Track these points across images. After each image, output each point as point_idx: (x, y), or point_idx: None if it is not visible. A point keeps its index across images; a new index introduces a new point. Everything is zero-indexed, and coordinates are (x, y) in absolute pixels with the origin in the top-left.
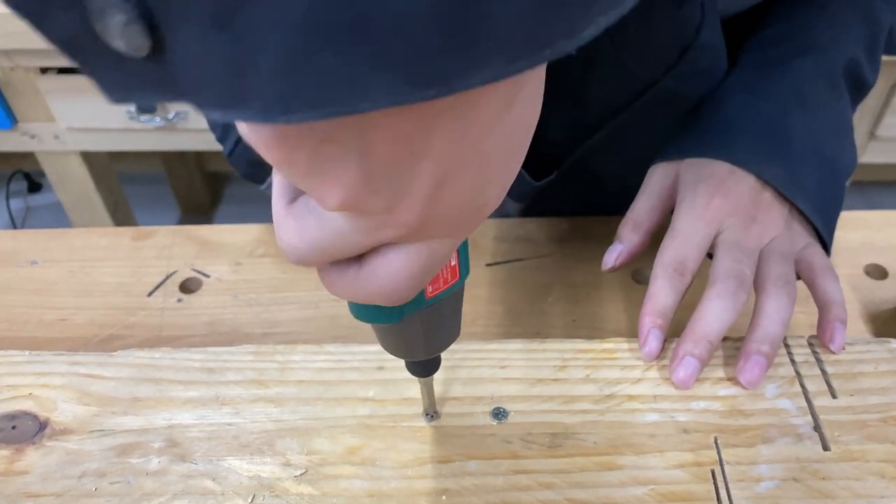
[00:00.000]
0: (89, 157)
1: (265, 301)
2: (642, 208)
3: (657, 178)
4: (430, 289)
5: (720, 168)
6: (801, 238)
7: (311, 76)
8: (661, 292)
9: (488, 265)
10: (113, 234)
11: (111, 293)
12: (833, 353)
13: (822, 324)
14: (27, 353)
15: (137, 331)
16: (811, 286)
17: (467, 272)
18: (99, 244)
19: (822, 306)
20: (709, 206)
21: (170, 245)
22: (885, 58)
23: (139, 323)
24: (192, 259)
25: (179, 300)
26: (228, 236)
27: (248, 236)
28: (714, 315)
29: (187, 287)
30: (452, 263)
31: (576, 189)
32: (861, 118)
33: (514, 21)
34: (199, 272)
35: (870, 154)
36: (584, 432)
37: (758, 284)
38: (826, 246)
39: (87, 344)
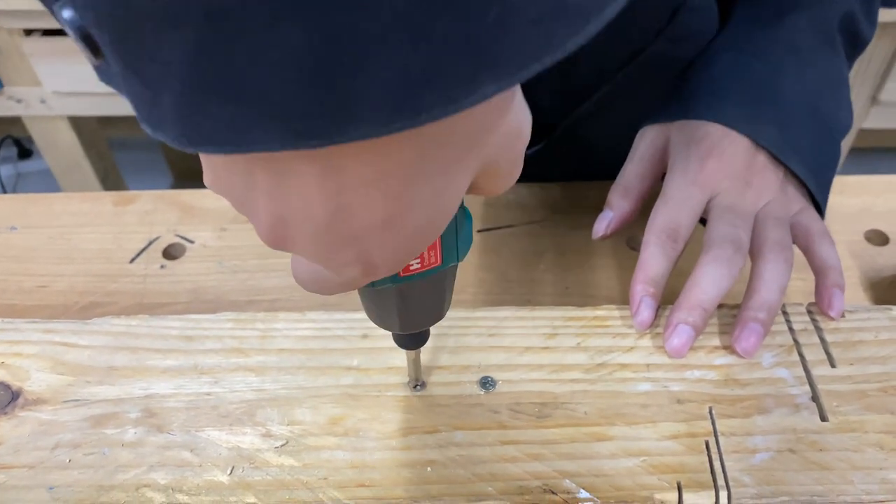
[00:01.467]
0: (78, 123)
1: (250, 268)
2: (632, 173)
3: (647, 141)
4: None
5: (713, 130)
6: (796, 202)
7: (203, 120)
8: (653, 259)
9: (479, 231)
10: (94, 200)
11: (92, 259)
12: (832, 319)
13: (819, 290)
14: None
15: (119, 298)
16: (807, 251)
17: (456, 258)
18: (80, 209)
19: (819, 272)
20: (702, 170)
21: (152, 210)
22: (888, 20)
23: (121, 290)
24: (175, 225)
25: (162, 267)
26: (212, 202)
27: None
28: (709, 281)
29: (170, 253)
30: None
31: (566, 157)
32: (863, 83)
33: (383, 90)
34: (182, 238)
35: (872, 119)
36: (574, 402)
37: (754, 250)
38: (820, 209)
39: (67, 311)
